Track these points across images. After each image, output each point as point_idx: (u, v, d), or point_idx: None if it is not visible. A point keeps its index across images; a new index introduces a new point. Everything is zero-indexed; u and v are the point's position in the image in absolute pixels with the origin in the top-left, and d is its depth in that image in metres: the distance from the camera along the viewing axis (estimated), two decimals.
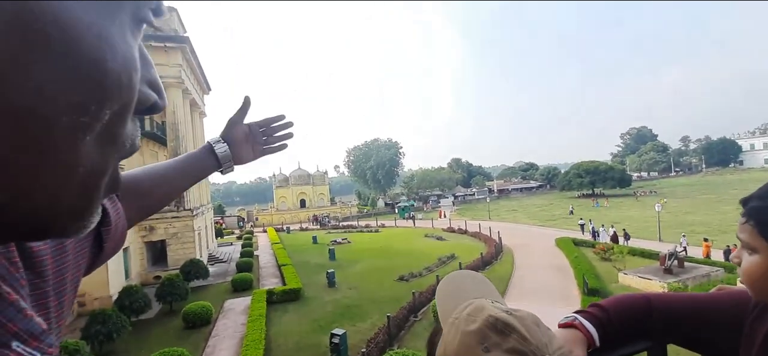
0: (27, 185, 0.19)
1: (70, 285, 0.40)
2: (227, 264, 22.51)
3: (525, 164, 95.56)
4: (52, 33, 0.17)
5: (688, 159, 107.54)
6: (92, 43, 0.19)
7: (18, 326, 0.25)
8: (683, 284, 12.82)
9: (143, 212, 0.65)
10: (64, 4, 0.18)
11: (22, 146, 0.18)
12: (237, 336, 11.39)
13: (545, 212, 43.79)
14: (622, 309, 0.78)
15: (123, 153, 0.25)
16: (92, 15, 0.19)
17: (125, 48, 0.21)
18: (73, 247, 0.42)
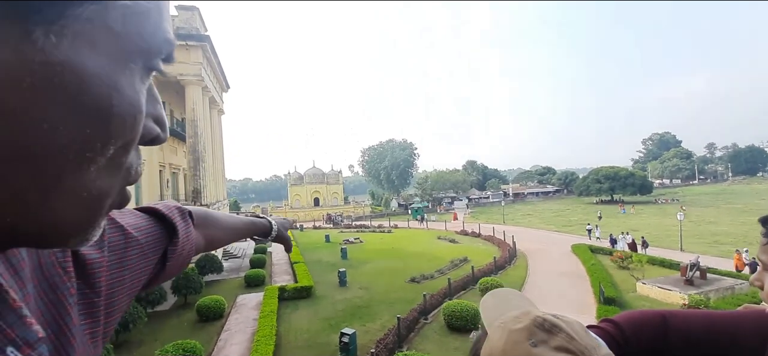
0: (35, 208, 0.22)
1: (123, 299, 0.43)
2: (241, 260, 22.85)
3: (542, 168, 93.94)
4: (69, 81, 0.20)
5: (713, 167, 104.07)
6: (102, 90, 0.22)
7: (16, 332, 0.26)
8: (705, 296, 12.36)
9: (209, 244, 0.70)
10: (80, 55, 0.21)
11: (34, 176, 0.21)
12: (248, 331, 11.53)
13: (561, 218, 42.98)
14: (636, 326, 0.73)
15: (128, 180, 0.28)
16: (104, 64, 0.22)
17: (132, 93, 0.24)
18: (134, 263, 0.45)
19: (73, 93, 0.21)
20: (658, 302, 13.34)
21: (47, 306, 0.33)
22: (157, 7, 0.26)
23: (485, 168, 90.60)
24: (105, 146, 0.23)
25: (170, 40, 0.27)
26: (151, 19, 0.25)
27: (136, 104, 0.25)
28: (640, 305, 13.15)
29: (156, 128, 0.29)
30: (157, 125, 0.30)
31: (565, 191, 76.66)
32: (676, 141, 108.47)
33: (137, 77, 0.25)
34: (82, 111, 0.22)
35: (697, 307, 11.22)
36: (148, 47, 0.25)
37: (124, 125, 0.24)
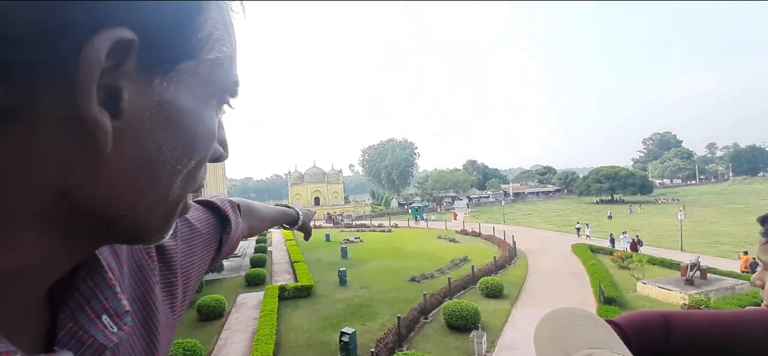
0: (139, 204, 0.28)
1: (194, 278, 0.53)
2: (241, 259, 22.86)
3: (542, 168, 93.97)
4: (172, 114, 0.27)
5: (714, 167, 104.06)
6: (193, 121, 0.29)
7: (110, 304, 0.32)
8: (706, 296, 12.35)
9: (250, 231, 0.81)
10: (180, 96, 0.28)
11: (143, 180, 0.27)
12: (249, 330, 11.54)
13: (562, 218, 42.97)
14: (637, 328, 0.72)
15: (196, 189, 0.35)
16: (195, 102, 0.29)
17: (211, 123, 0.31)
18: (200, 249, 0.55)
19: (174, 122, 0.28)
20: (659, 302, 13.34)
21: (137, 284, 0.42)
22: (231, 58, 0.32)
23: (485, 168, 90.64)
24: (189, 161, 0.30)
25: (237, 82, 0.34)
26: (225, 68, 0.32)
27: (213, 131, 0.32)
28: (641, 305, 13.15)
29: (220, 149, 0.36)
30: (222, 146, 0.37)
31: (565, 190, 76.65)
32: (676, 141, 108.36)
33: (214, 111, 0.32)
34: (179, 135, 0.28)
35: (698, 307, 11.21)
36: (222, 88, 0.32)
37: (205, 147, 0.31)
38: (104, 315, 0.32)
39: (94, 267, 0.33)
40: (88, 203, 0.26)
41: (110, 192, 0.26)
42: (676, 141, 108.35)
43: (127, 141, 0.26)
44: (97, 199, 0.26)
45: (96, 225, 0.27)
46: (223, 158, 0.37)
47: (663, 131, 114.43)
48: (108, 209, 0.27)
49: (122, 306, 0.33)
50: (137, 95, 0.25)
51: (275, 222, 0.98)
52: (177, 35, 0.27)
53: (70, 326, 0.30)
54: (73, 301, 0.31)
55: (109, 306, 0.32)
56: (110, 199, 0.26)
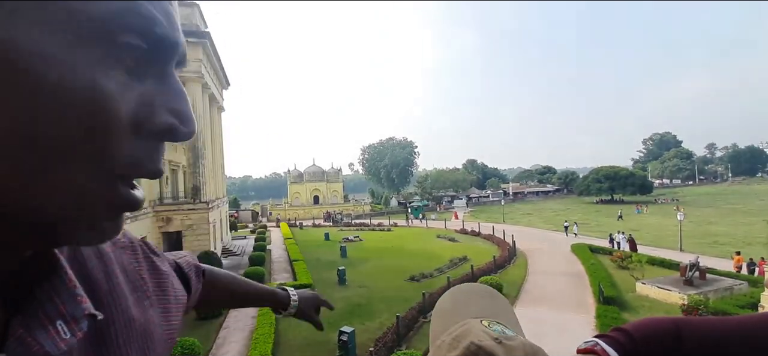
0: (25, 197, 0.24)
1: (175, 317, 0.51)
2: (240, 257, 22.86)
3: (542, 168, 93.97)
4: (16, 64, 0.21)
5: (713, 167, 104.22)
6: (56, 72, 0.23)
7: (66, 308, 0.30)
8: (704, 297, 12.35)
9: (208, 302, 0.75)
10: (23, 32, 0.21)
11: (8, 166, 0.23)
12: (247, 329, 11.53)
13: (561, 217, 42.92)
14: (648, 335, 0.69)
15: (126, 173, 0.28)
16: (58, 45, 0.23)
17: (88, 75, 0.24)
18: (173, 296, 0.52)
19: (22, 75, 0.21)
20: (658, 302, 13.34)
21: (133, 299, 0.42)
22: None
23: (485, 167, 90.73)
24: (67, 133, 0.24)
25: (142, 20, 0.26)
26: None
27: (93, 86, 0.24)
28: (640, 305, 13.15)
29: (170, 119, 0.30)
30: (175, 117, 0.30)
31: (565, 190, 76.66)
32: (676, 141, 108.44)
33: (99, 59, 0.25)
34: (34, 95, 0.22)
35: (696, 307, 11.21)
36: (112, 28, 0.25)
37: (79, 108, 0.24)
38: (59, 320, 0.29)
39: (53, 268, 0.31)
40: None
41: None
42: (676, 141, 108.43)
43: None
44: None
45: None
46: (179, 133, 0.31)
47: (663, 131, 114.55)
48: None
49: (81, 309, 0.31)
50: None
51: (252, 303, 0.87)
52: None
53: (20, 333, 0.27)
54: (29, 306, 0.29)
55: (65, 310, 0.30)
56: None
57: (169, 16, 0.29)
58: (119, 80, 0.26)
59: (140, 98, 0.28)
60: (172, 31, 0.29)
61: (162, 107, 0.29)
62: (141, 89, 0.28)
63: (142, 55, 0.27)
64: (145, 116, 0.28)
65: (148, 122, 0.28)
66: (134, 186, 0.30)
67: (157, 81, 0.29)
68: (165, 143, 0.32)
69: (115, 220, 0.30)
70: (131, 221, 15.43)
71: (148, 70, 0.28)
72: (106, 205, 0.28)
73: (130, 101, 0.27)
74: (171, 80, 0.30)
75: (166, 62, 0.30)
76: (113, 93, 0.25)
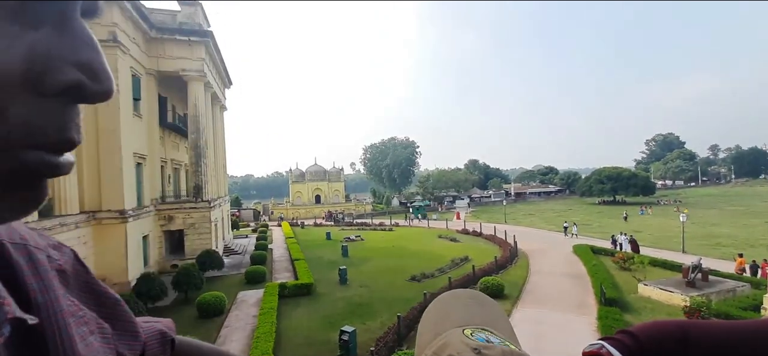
0: None
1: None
2: (242, 256, 22.88)
3: (544, 168, 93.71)
4: None
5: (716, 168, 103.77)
6: None
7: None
8: (707, 298, 12.30)
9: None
10: None
11: None
12: (248, 328, 11.55)
13: (563, 218, 42.83)
14: (655, 338, 0.68)
15: (24, 142, 0.24)
16: None
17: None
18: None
19: None
20: (660, 303, 13.29)
21: (74, 321, 0.37)
22: None
23: (487, 167, 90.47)
24: None
25: None
26: None
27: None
28: (642, 306, 13.11)
29: (74, 74, 0.25)
30: (83, 71, 0.25)
31: (567, 191, 76.47)
32: (679, 142, 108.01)
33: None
34: None
35: (699, 309, 11.16)
36: None
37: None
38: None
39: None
40: None
41: None
42: (679, 143, 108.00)
43: None
44: None
45: None
46: (89, 93, 0.26)
47: (666, 132, 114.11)
48: None
49: (3, 312, 0.28)
50: None
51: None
52: None
53: None
54: None
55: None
56: None
57: None
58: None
59: (31, 47, 0.23)
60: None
61: (63, 59, 0.24)
62: (33, 37, 0.23)
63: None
64: (43, 70, 0.23)
65: (45, 78, 0.23)
66: (50, 151, 0.25)
67: (56, 28, 0.24)
68: (79, 106, 0.27)
69: (29, 189, 0.25)
70: (133, 219, 15.48)
71: (43, 13, 0.23)
72: (9, 176, 0.24)
73: (16, 52, 0.22)
74: (75, 27, 0.25)
75: (66, 5, 0.25)
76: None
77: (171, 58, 19.02)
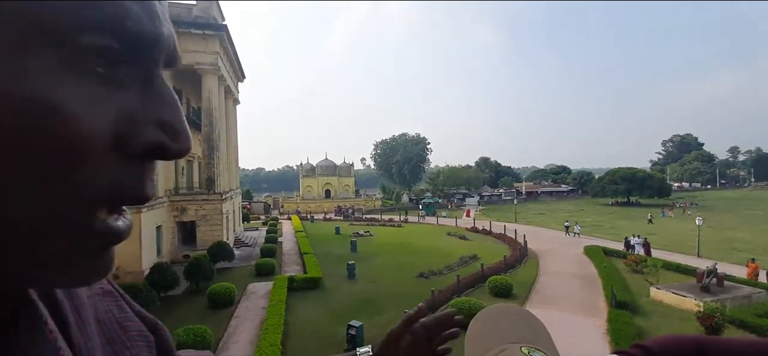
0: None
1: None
2: (252, 248, 23.19)
3: (556, 167, 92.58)
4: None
5: (735, 171, 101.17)
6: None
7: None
8: (721, 304, 12.03)
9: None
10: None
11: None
12: (257, 319, 11.71)
13: (575, 219, 42.30)
14: (668, 352, 0.67)
15: (106, 200, 0.24)
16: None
17: (38, 84, 0.20)
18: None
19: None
20: (672, 308, 13.06)
21: (105, 353, 0.36)
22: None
23: (498, 165, 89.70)
24: (9, 153, 0.20)
25: (108, 15, 0.21)
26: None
27: (46, 98, 0.20)
28: (654, 310, 12.90)
29: (157, 135, 0.25)
30: (165, 131, 0.26)
31: (579, 191, 75.43)
32: (697, 144, 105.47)
33: (55, 65, 0.20)
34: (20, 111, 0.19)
35: (713, 315, 10.93)
36: (69, 27, 0.20)
37: (33, 125, 0.20)
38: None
39: (32, 320, 0.28)
40: None
41: None
42: (697, 144, 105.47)
43: None
44: None
45: None
46: (170, 151, 0.26)
47: (683, 133, 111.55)
48: None
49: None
50: None
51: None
52: None
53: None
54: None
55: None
56: None
57: (147, 6, 0.24)
58: (88, 91, 0.22)
59: (119, 110, 0.23)
60: (152, 25, 0.24)
61: (147, 120, 0.25)
62: (120, 99, 0.23)
63: (116, 58, 0.23)
64: (127, 132, 0.24)
65: (130, 139, 0.24)
66: (122, 212, 0.26)
67: (140, 88, 0.25)
68: (156, 163, 0.27)
69: (97, 257, 0.25)
70: (147, 210, 15.80)
71: (128, 74, 0.24)
72: (80, 240, 0.24)
73: (105, 114, 0.22)
74: (158, 85, 0.26)
75: (149, 63, 0.25)
76: (79, 109, 0.21)
77: (186, 52, 19.28)
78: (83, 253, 0.24)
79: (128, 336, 0.39)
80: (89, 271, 0.25)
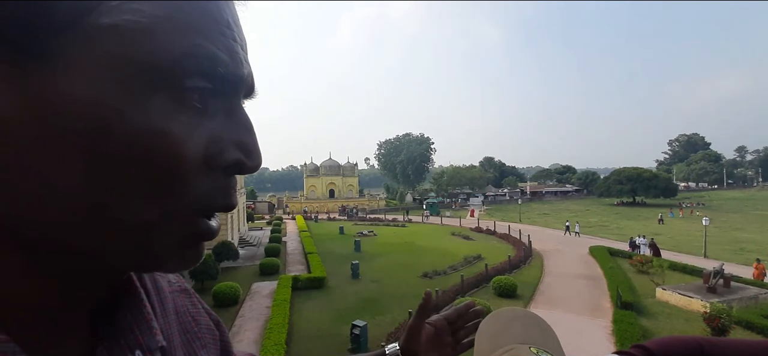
0: (81, 233, 0.25)
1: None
2: (256, 248, 23.28)
3: (561, 167, 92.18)
4: (67, 112, 0.23)
5: (743, 171, 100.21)
6: (105, 116, 0.24)
7: (143, 339, 0.33)
8: (728, 305, 11.91)
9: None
10: (75, 84, 0.23)
11: (72, 203, 0.24)
12: (262, 319, 11.76)
13: (580, 219, 42.04)
14: (669, 353, 0.67)
15: (203, 209, 0.29)
16: (104, 90, 0.23)
17: (139, 117, 0.24)
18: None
19: (73, 121, 0.22)
20: (678, 309, 12.96)
21: (180, 341, 0.41)
22: (169, 19, 0.25)
23: (502, 165, 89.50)
24: (136, 177, 0.25)
25: (205, 62, 0.27)
26: (152, 34, 0.24)
27: (164, 132, 0.25)
28: (659, 311, 12.81)
29: (236, 154, 0.30)
30: (242, 151, 0.30)
31: (584, 191, 75.00)
32: (704, 143, 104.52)
33: (167, 104, 0.25)
34: (87, 141, 0.23)
35: (719, 316, 10.83)
36: (177, 75, 0.25)
37: (151, 154, 0.25)
38: (137, 350, 0.32)
39: (133, 300, 0.34)
40: (32, 236, 0.24)
41: (42, 223, 0.24)
42: (704, 143, 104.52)
43: (20, 159, 0.22)
44: (38, 231, 0.24)
45: (61, 260, 0.26)
46: (245, 167, 0.31)
47: (690, 133, 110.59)
48: (54, 242, 0.25)
49: (156, 341, 0.33)
50: (5, 95, 0.21)
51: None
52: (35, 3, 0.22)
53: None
54: (111, 333, 0.32)
55: (142, 341, 0.33)
56: (49, 232, 0.24)
57: (233, 52, 0.29)
58: (188, 121, 0.27)
59: (209, 135, 0.28)
60: (236, 68, 0.29)
61: (230, 142, 0.30)
62: (210, 126, 0.28)
63: (209, 94, 0.28)
64: (215, 152, 0.29)
65: (218, 158, 0.29)
66: (213, 216, 0.31)
67: (225, 116, 0.30)
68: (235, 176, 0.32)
69: (195, 248, 0.31)
70: None
71: (216, 106, 0.29)
72: (185, 238, 0.29)
73: (200, 139, 0.27)
74: (238, 114, 0.31)
75: (233, 96, 0.30)
76: (183, 136, 0.26)
77: None
78: (187, 246, 0.30)
79: (199, 329, 0.45)
80: (189, 258, 0.30)
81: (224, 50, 0.28)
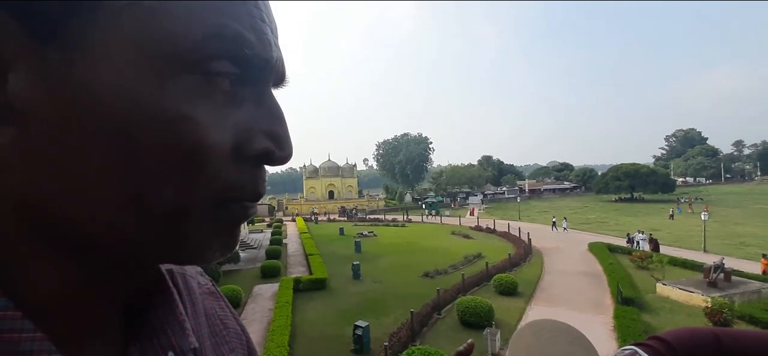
0: (104, 221, 0.24)
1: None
2: (257, 251, 23.25)
3: (559, 164, 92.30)
4: (89, 97, 0.22)
5: (740, 165, 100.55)
6: (126, 101, 0.23)
7: (176, 339, 0.32)
8: (730, 299, 11.97)
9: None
10: (95, 69, 0.22)
11: (92, 186, 0.24)
12: (264, 321, 11.75)
13: (579, 216, 42.18)
14: (688, 346, 0.67)
15: (230, 198, 0.28)
16: (124, 75, 0.23)
17: (160, 101, 0.24)
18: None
19: (93, 107, 0.22)
20: (679, 304, 13.00)
21: (210, 344, 0.41)
22: (186, 3, 0.24)
23: (501, 163, 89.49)
24: (143, 160, 0.24)
25: (229, 44, 0.25)
26: (179, 16, 0.24)
27: (185, 118, 0.24)
28: (660, 306, 12.85)
29: (266, 143, 0.29)
30: (272, 141, 0.29)
31: (582, 188, 75.21)
32: (701, 138, 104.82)
33: (189, 89, 0.24)
34: (109, 125, 0.22)
35: (721, 310, 10.88)
36: (199, 58, 0.24)
37: (174, 140, 0.24)
38: (170, 351, 0.31)
39: (166, 300, 0.34)
40: (51, 222, 0.24)
41: (60, 206, 0.23)
42: (701, 138, 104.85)
43: (39, 142, 0.22)
44: (55, 215, 0.23)
45: (84, 246, 0.25)
46: (275, 157, 0.30)
47: (687, 128, 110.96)
48: (73, 228, 0.24)
49: (189, 342, 0.33)
50: (25, 81, 0.21)
51: None
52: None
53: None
54: (144, 332, 0.32)
55: (175, 342, 0.32)
56: (67, 216, 0.24)
57: (260, 33, 0.28)
58: (215, 108, 0.26)
59: (237, 123, 0.27)
60: (264, 50, 0.28)
61: (259, 131, 0.29)
62: (238, 114, 0.27)
63: (237, 80, 0.27)
64: (243, 141, 0.28)
65: (247, 147, 0.28)
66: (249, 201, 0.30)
67: (254, 104, 0.29)
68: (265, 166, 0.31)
69: (229, 235, 0.30)
70: None
71: (245, 93, 0.28)
72: (217, 225, 0.28)
73: (228, 127, 0.27)
74: (268, 102, 0.30)
75: (262, 83, 0.29)
76: (207, 123, 0.25)
77: None
78: (221, 233, 0.29)
79: (228, 332, 0.45)
80: (225, 246, 0.29)
81: (251, 31, 0.27)
